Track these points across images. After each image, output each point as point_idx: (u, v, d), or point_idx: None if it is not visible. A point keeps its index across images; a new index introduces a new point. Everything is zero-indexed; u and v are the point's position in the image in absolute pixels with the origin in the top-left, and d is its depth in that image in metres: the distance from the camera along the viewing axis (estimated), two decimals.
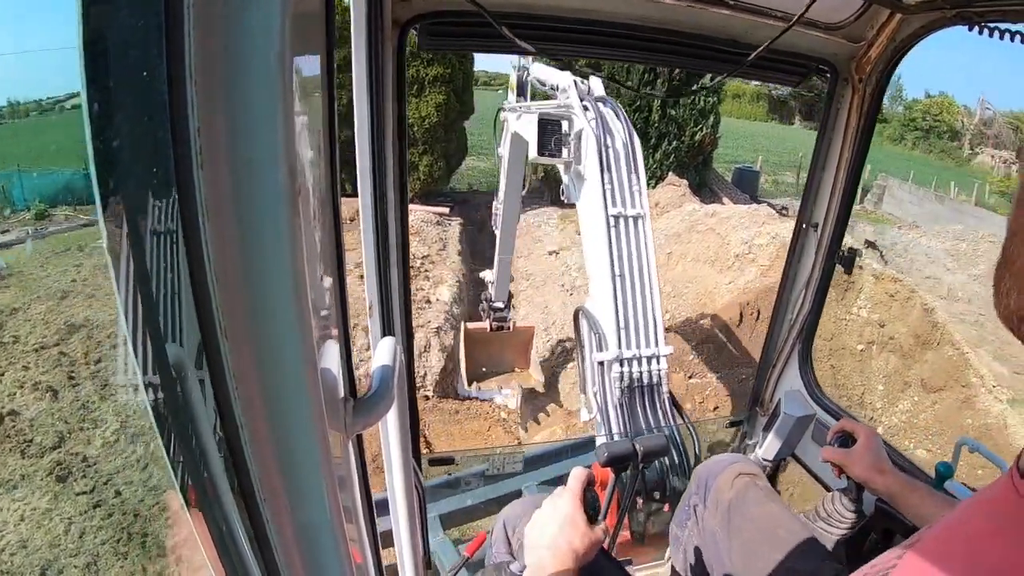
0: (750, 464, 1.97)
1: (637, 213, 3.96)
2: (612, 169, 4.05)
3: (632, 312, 3.81)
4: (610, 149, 4.11)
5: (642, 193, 4.05)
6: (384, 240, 1.78)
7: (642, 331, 3.81)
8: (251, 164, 0.43)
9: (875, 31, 2.04)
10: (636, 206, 3.98)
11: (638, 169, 4.11)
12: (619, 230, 3.91)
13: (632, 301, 3.82)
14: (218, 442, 0.50)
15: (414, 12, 1.78)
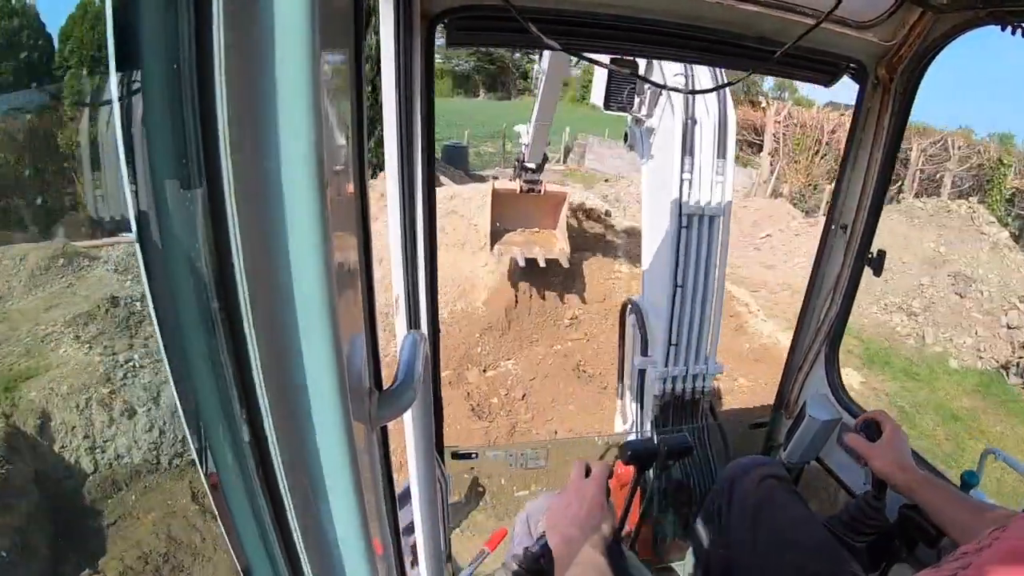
0: (777, 467, 1.94)
1: (714, 213, 3.36)
2: (695, 152, 3.32)
3: (687, 327, 3.42)
4: (697, 126, 3.35)
5: (727, 186, 3.39)
6: (411, 234, 1.78)
7: (693, 347, 3.46)
8: (280, 156, 0.43)
9: (906, 30, 2.00)
10: (715, 202, 3.35)
11: (726, 155, 3.40)
12: (691, 232, 3.32)
13: (690, 315, 3.41)
14: (243, 432, 0.51)
15: (443, 6, 1.78)
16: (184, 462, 6.22)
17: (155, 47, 0.40)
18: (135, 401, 6.20)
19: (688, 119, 3.31)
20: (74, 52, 18.33)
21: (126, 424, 6.05)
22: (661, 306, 3.44)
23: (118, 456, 5.91)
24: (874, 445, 1.77)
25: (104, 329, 6.95)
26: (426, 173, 1.84)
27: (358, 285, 0.72)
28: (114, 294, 7.55)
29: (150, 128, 0.42)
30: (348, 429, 0.55)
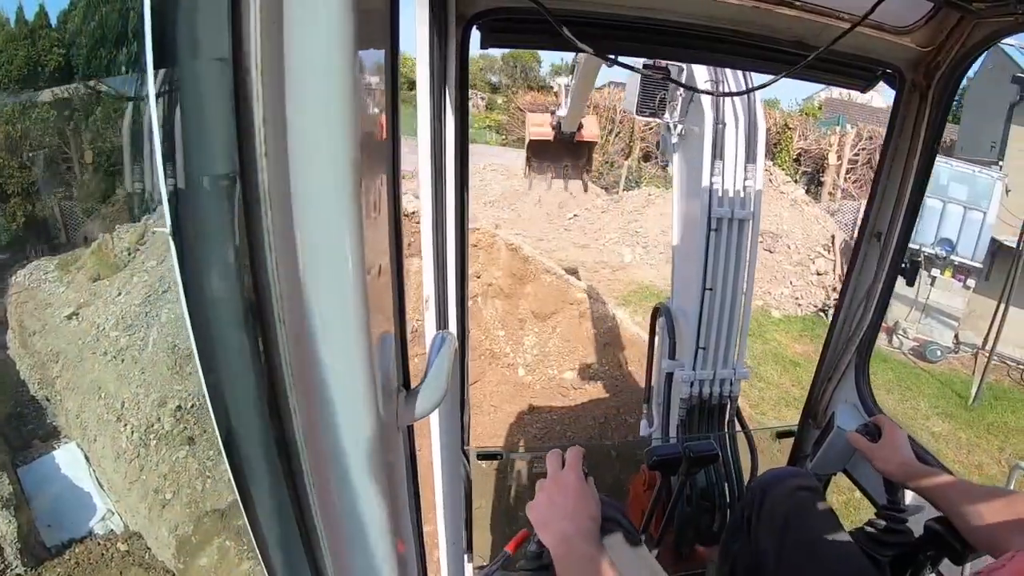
0: (809, 478, 1.92)
1: (745, 216, 3.34)
2: (725, 156, 3.34)
3: (716, 330, 3.39)
4: (726, 130, 3.34)
5: (755, 188, 3.39)
6: (442, 235, 1.79)
7: (722, 350, 3.43)
8: (314, 155, 0.44)
9: (944, 36, 1.95)
10: (744, 207, 3.34)
11: (756, 158, 3.39)
12: (720, 235, 3.32)
13: (719, 318, 3.38)
14: (271, 427, 0.51)
15: (478, 8, 1.79)
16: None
17: (192, 46, 0.41)
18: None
19: (717, 123, 3.32)
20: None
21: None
22: (690, 310, 3.43)
23: None
24: (875, 445, 1.80)
25: None
26: (458, 175, 1.85)
27: (389, 285, 0.72)
28: None
29: (187, 126, 0.43)
30: (376, 428, 0.55)
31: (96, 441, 7.42)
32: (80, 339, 8.96)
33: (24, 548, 5.52)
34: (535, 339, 9.01)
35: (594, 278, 11.57)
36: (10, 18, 17.99)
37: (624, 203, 15.12)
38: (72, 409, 8.07)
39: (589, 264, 12.46)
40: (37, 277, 10.68)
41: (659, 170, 21.18)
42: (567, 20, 1.62)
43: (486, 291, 9.24)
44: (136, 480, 6.60)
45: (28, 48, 17.48)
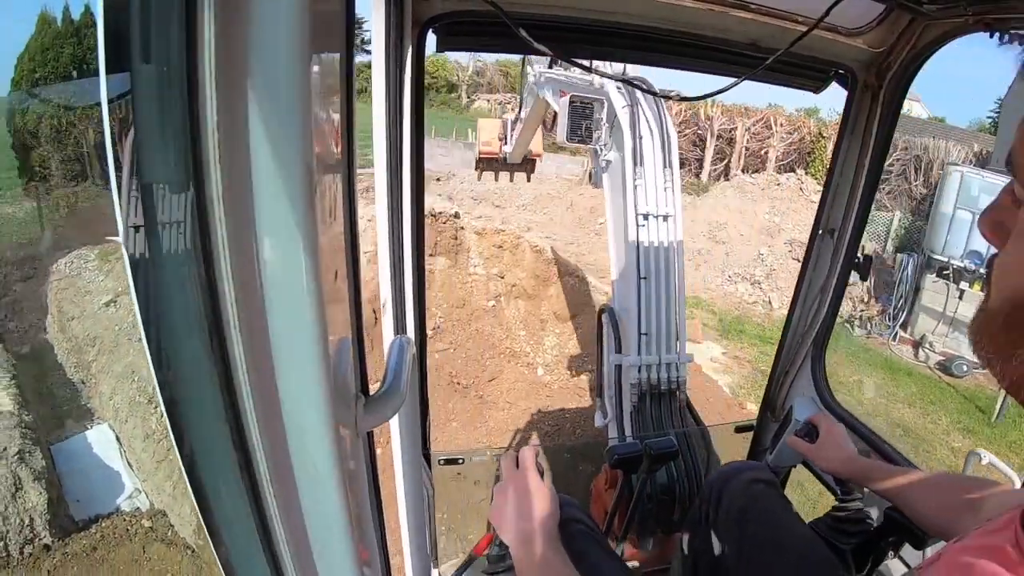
0: (765, 471, 1.95)
1: (667, 212, 3.80)
2: (645, 163, 3.84)
3: (655, 317, 3.71)
4: (643, 140, 3.89)
5: (675, 190, 3.86)
6: (399, 238, 1.78)
7: (664, 336, 3.72)
8: (268, 160, 0.43)
9: (895, 37, 2.01)
10: (667, 205, 3.81)
11: (672, 163, 3.90)
12: (648, 229, 3.76)
13: (656, 305, 3.71)
14: (228, 436, 0.50)
15: (434, 12, 1.78)
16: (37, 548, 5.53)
17: (145, 51, 0.40)
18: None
19: (636, 136, 3.86)
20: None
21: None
22: (630, 304, 3.70)
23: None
24: (813, 446, 1.84)
25: None
26: (414, 179, 1.84)
27: (345, 290, 0.72)
28: None
29: (139, 131, 0.42)
30: (334, 434, 0.55)
31: (127, 422, 7.71)
32: (117, 325, 9.20)
33: (53, 520, 5.66)
34: (555, 340, 9.10)
35: None
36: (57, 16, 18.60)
37: None
38: (105, 392, 8.31)
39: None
40: (78, 265, 10.87)
41: (692, 176, 21.60)
42: (523, 23, 1.63)
43: (510, 291, 9.34)
44: (163, 460, 6.80)
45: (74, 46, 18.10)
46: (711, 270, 12.26)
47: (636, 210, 3.71)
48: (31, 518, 5.61)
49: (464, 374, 7.91)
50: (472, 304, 8.95)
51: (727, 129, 22.21)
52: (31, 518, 5.61)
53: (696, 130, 22.43)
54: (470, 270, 9.48)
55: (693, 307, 10.92)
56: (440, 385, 7.58)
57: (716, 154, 22.29)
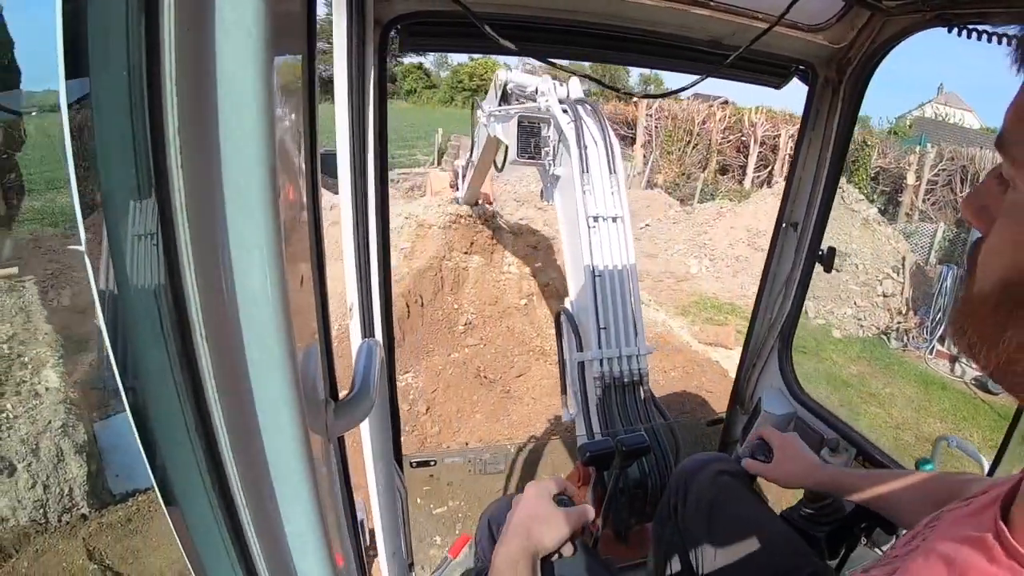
0: (731, 463, 1.97)
1: (616, 214, 4.02)
2: (591, 170, 4.09)
3: (612, 312, 3.81)
4: (588, 150, 4.16)
5: (621, 194, 4.11)
6: (365, 242, 1.77)
7: (622, 331, 3.81)
8: (230, 165, 0.43)
9: (855, 33, 2.05)
10: (615, 207, 4.03)
11: (616, 170, 4.17)
12: (599, 231, 3.95)
13: (612, 301, 3.83)
14: (198, 446, 0.50)
15: (396, 12, 1.77)
16: (75, 517, 5.76)
17: (104, 55, 0.39)
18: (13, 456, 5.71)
19: (581, 146, 4.14)
20: None
21: (7, 483, 5.56)
22: (587, 302, 3.83)
23: (2, 520, 5.44)
24: (770, 466, 1.79)
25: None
26: (379, 181, 1.83)
27: (312, 295, 0.71)
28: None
29: (99, 137, 0.41)
30: (304, 441, 0.54)
31: None
32: None
33: (91, 491, 5.90)
34: None
35: (658, 287, 11.71)
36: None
37: (696, 215, 15.27)
38: None
39: (655, 273, 12.55)
40: None
41: (735, 183, 21.60)
42: (486, 22, 1.63)
43: (542, 291, 9.30)
44: None
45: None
46: (749, 278, 12.17)
47: (587, 213, 3.93)
48: (71, 488, 5.85)
49: (492, 368, 7.90)
50: (504, 302, 8.92)
51: (771, 136, 22.11)
52: (71, 488, 5.85)
53: (740, 136, 22.48)
54: (504, 268, 9.47)
55: (728, 314, 10.95)
56: (467, 378, 7.61)
57: (760, 160, 22.21)
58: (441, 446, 6.60)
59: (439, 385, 7.52)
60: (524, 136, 4.58)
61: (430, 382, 7.57)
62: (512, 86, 6.45)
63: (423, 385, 7.50)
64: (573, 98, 4.72)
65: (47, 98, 15.23)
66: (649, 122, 22.55)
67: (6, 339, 7.23)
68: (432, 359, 7.96)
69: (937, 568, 0.65)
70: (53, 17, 0.39)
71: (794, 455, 1.77)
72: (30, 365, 7.07)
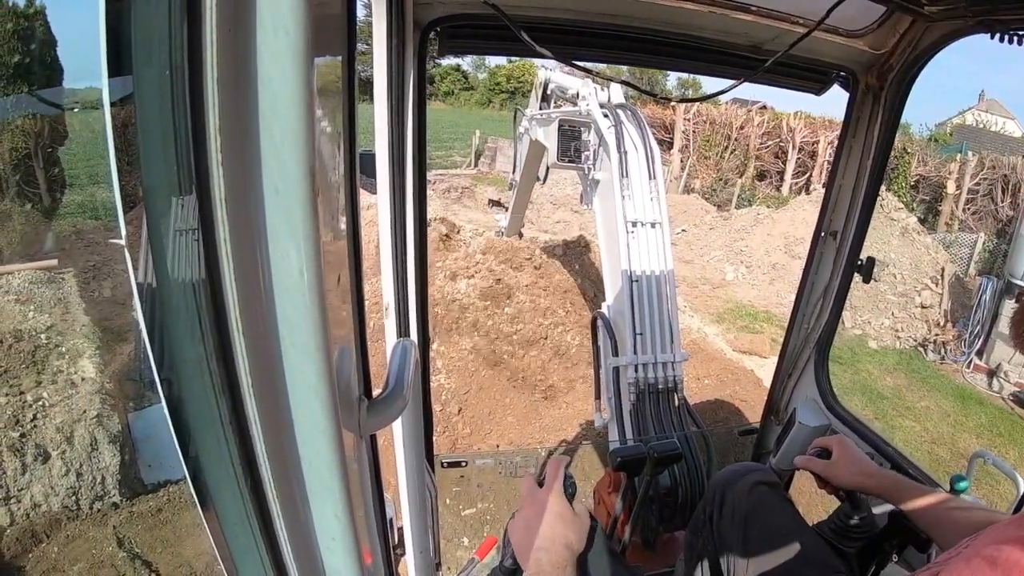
0: (769, 473, 1.94)
1: (655, 220, 3.97)
2: (631, 175, 4.05)
3: (648, 318, 3.76)
4: (628, 156, 4.13)
5: (660, 200, 4.06)
6: (402, 242, 1.78)
7: (658, 337, 3.76)
8: (270, 164, 0.43)
9: (897, 39, 2.01)
10: (654, 213, 3.99)
11: (656, 176, 4.12)
12: (637, 236, 3.92)
13: (649, 307, 3.78)
14: (231, 439, 0.50)
15: (435, 15, 1.79)
16: (106, 505, 5.88)
17: (148, 54, 0.40)
18: (48, 443, 5.89)
19: (621, 151, 4.11)
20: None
21: (40, 470, 5.69)
22: (624, 307, 3.79)
23: (35, 505, 5.56)
24: (830, 462, 1.78)
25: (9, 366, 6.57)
26: (417, 182, 1.84)
27: (348, 293, 0.72)
28: (17, 327, 7.16)
29: (142, 134, 0.42)
30: (337, 438, 0.54)
31: None
32: None
33: (123, 480, 6.08)
34: None
35: (693, 293, 11.66)
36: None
37: (733, 221, 15.18)
38: None
39: (691, 279, 12.50)
40: None
41: (772, 190, 21.32)
42: (524, 26, 1.63)
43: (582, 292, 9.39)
44: None
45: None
46: (785, 285, 12.03)
47: (625, 219, 3.90)
48: (103, 477, 6.00)
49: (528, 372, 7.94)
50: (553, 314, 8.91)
51: (809, 142, 21.75)
52: (103, 477, 6.00)
53: (778, 142, 22.16)
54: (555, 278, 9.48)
55: (764, 322, 10.86)
56: (500, 380, 7.67)
57: (798, 167, 21.84)
58: (472, 447, 6.61)
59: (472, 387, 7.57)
60: (565, 139, 4.57)
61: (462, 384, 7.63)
62: (553, 87, 6.44)
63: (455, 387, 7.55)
64: (614, 102, 4.70)
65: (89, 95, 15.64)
66: (687, 126, 22.31)
67: (44, 329, 7.40)
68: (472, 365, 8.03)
69: (981, 568, 0.65)
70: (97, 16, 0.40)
71: (853, 455, 1.76)
72: (67, 355, 7.22)
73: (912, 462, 2.18)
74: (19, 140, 15.24)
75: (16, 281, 8.71)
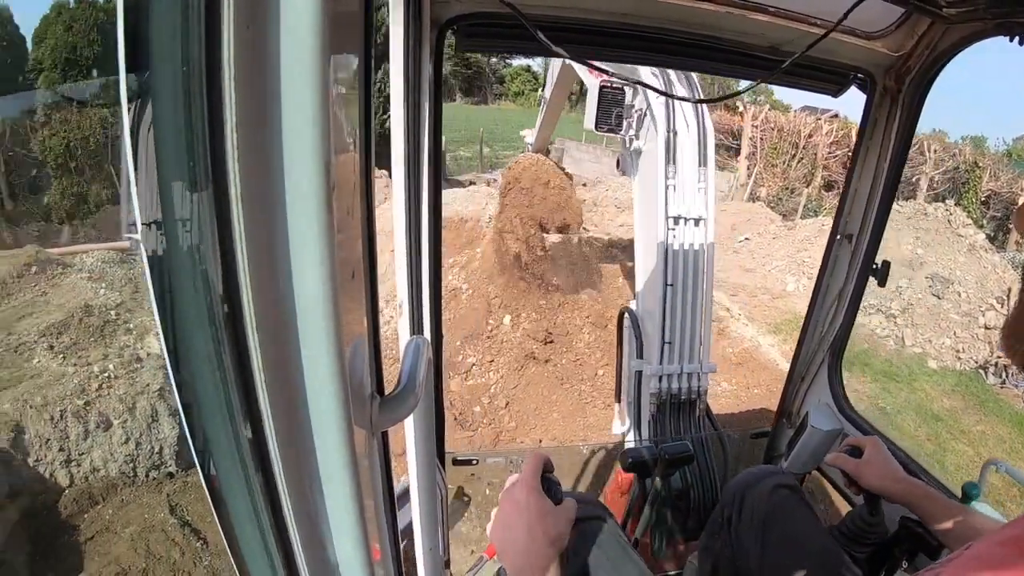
0: (788, 477, 1.93)
1: (699, 215, 3.59)
2: (678, 161, 3.62)
3: (680, 325, 3.54)
4: (678, 136, 3.65)
5: (708, 192, 3.64)
6: (417, 240, 1.78)
7: (687, 346, 3.57)
8: (286, 160, 0.44)
9: (915, 41, 1.99)
10: (699, 207, 3.60)
11: (708, 162, 3.68)
12: (677, 233, 3.56)
13: (681, 313, 3.54)
14: (245, 435, 0.51)
15: (453, 13, 1.79)
16: (161, 474, 6.16)
17: (165, 49, 0.41)
18: (111, 413, 6.16)
19: (670, 131, 3.61)
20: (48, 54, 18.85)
21: (102, 436, 5.99)
22: (654, 309, 3.55)
23: (94, 469, 5.85)
24: (860, 461, 1.77)
25: (78, 339, 6.89)
26: (432, 179, 1.84)
27: (362, 289, 0.72)
28: (88, 303, 7.47)
29: (158, 130, 0.42)
30: (349, 434, 0.55)
31: None
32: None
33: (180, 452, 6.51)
34: None
35: (752, 302, 11.54)
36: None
37: (797, 231, 14.95)
38: None
39: (750, 288, 12.38)
40: None
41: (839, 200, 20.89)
42: (541, 25, 1.63)
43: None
44: None
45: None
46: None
47: (667, 212, 3.52)
48: (161, 447, 6.41)
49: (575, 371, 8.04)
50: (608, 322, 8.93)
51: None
52: (161, 447, 6.41)
53: (847, 152, 21.53)
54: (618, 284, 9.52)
55: None
56: (549, 377, 7.73)
57: None
58: (516, 440, 6.76)
59: (520, 383, 7.70)
60: (605, 104, 4.02)
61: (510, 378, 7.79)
62: None
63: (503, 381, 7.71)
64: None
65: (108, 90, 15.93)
66: (754, 133, 21.99)
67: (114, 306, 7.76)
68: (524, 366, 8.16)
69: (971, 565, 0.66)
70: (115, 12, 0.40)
71: (885, 458, 1.75)
72: (135, 331, 7.57)
73: (923, 467, 2.16)
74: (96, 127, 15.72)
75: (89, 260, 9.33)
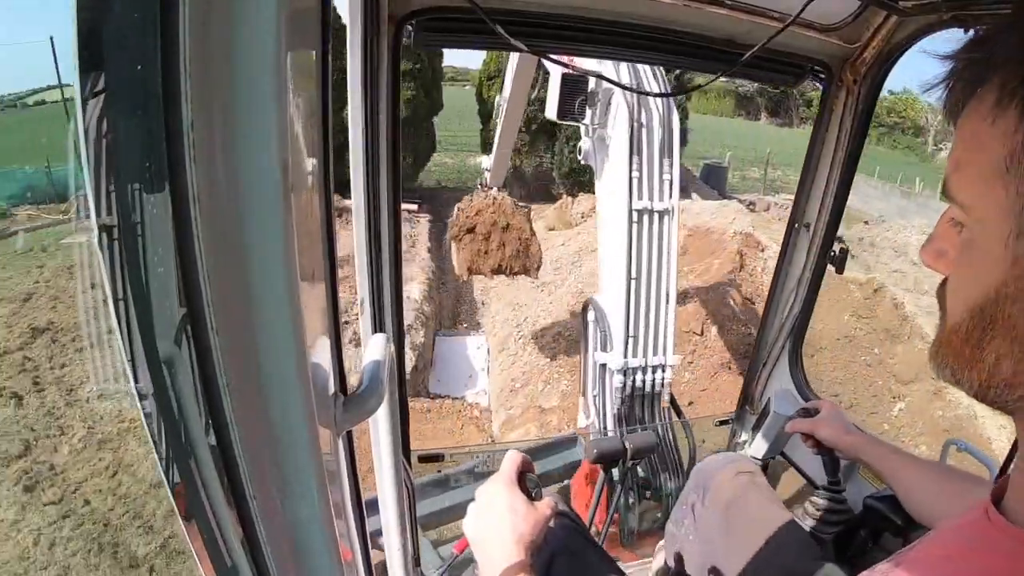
0: (749, 462, 1.97)
1: (664, 208, 3.58)
2: (643, 152, 3.57)
3: (644, 318, 3.57)
4: (643, 128, 3.59)
5: (673, 184, 3.61)
6: (376, 236, 1.77)
7: (651, 338, 3.60)
8: (244, 159, 0.43)
9: (870, 33, 2.04)
10: (664, 199, 3.58)
11: (672, 155, 3.64)
12: (641, 226, 3.56)
13: (645, 306, 3.57)
14: (207, 439, 0.50)
15: (410, 8, 1.77)
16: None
17: (120, 49, 0.40)
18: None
19: (634, 122, 3.55)
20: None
21: None
22: (618, 302, 3.57)
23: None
24: (815, 419, 1.83)
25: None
26: (391, 176, 1.83)
27: (322, 289, 0.71)
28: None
29: (114, 130, 0.41)
30: (313, 434, 0.54)
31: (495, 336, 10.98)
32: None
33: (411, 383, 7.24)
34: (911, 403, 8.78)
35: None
36: None
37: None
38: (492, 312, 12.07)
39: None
40: None
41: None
42: (501, 20, 1.62)
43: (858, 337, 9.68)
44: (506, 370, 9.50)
45: None
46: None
47: (631, 205, 3.51)
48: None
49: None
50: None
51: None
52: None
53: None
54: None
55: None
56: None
57: None
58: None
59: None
60: (567, 93, 3.92)
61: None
62: None
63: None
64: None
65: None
66: None
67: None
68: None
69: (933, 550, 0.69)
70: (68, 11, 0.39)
71: (839, 415, 1.82)
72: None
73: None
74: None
75: None
